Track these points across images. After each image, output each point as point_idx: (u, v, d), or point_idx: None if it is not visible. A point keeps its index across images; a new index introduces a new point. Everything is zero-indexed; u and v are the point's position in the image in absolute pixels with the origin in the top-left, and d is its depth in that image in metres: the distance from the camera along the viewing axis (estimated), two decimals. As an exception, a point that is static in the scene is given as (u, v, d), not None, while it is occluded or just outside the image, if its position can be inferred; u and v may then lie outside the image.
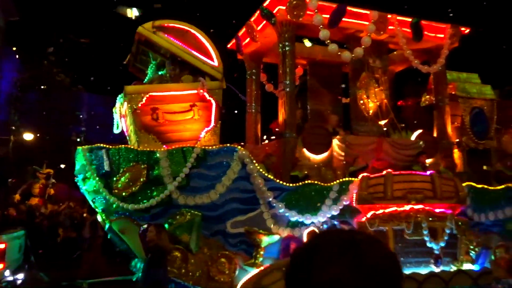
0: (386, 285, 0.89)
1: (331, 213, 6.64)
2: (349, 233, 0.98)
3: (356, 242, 0.92)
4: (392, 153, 8.08)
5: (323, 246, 0.93)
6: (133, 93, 6.74)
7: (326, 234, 1.01)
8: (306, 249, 0.95)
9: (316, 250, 0.92)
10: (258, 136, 9.46)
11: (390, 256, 0.94)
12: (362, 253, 0.90)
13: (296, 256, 0.96)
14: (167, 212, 6.24)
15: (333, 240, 0.94)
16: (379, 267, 0.89)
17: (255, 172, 6.34)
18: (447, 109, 9.10)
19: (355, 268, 0.88)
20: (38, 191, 15.35)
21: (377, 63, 8.69)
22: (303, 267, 0.91)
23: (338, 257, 0.89)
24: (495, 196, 7.96)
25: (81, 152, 6.56)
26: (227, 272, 6.12)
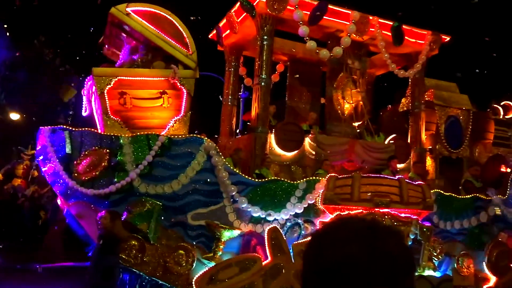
0: (399, 271, 0.91)
1: (294, 211, 6.57)
2: (370, 220, 1.01)
3: (375, 227, 0.95)
4: (363, 155, 8.05)
5: (343, 226, 0.96)
6: (101, 75, 6.55)
7: (348, 217, 1.01)
8: (326, 229, 0.99)
9: (335, 230, 0.96)
10: (232, 129, 9.34)
11: (405, 247, 0.96)
12: (379, 238, 0.92)
13: (316, 234, 1.00)
14: (127, 199, 6.07)
15: (354, 223, 0.97)
16: (394, 254, 0.92)
17: (220, 165, 6.22)
18: (422, 115, 9.10)
19: (371, 250, 0.90)
20: (22, 172, 15.02)
21: (356, 64, 8.64)
22: (320, 244, 0.95)
23: (355, 238, 0.91)
24: (462, 205, 8.00)
25: (42, 132, 6.36)
26: (184, 264, 6.00)
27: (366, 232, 0.93)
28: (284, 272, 6.19)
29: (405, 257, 0.94)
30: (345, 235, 0.93)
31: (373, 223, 0.98)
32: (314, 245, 0.96)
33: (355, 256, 0.89)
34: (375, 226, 0.96)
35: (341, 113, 8.30)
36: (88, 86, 7.11)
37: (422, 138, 9.04)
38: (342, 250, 0.90)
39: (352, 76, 8.53)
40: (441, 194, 7.91)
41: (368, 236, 0.92)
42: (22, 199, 12.33)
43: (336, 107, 8.30)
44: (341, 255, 0.90)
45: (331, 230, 0.97)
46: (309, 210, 6.75)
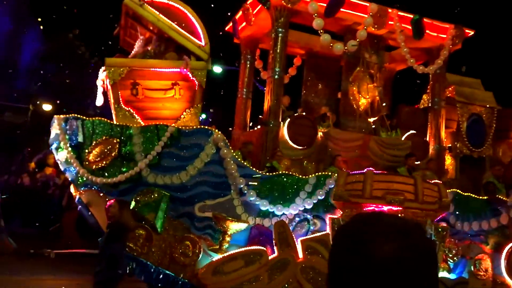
0: (433, 265, 0.93)
1: (303, 206, 6.47)
2: (399, 217, 1.00)
3: (408, 223, 0.96)
4: (377, 151, 7.85)
5: (376, 222, 0.95)
6: (113, 66, 6.61)
7: (374, 213, 1.01)
8: (358, 225, 0.96)
9: (370, 227, 0.94)
10: (246, 123, 9.29)
11: (431, 240, 1.04)
12: (415, 234, 0.93)
13: (347, 231, 0.97)
14: (135, 189, 6.12)
15: (387, 219, 0.96)
16: (428, 248, 0.94)
17: (228, 157, 6.18)
18: (442, 112, 8.81)
19: (412, 246, 0.90)
20: (53, 162, 15.49)
21: (373, 58, 8.42)
22: (357, 240, 0.92)
23: (396, 235, 0.91)
24: (481, 205, 7.70)
25: (56, 121, 6.47)
26: (190, 255, 5.99)
27: (402, 228, 0.93)
28: (291, 267, 6.12)
29: (434, 250, 0.98)
30: (383, 230, 0.92)
31: (403, 220, 0.97)
32: (348, 241, 0.94)
33: (401, 253, 0.88)
34: (407, 222, 0.96)
35: (357, 108, 8.12)
36: (101, 76, 7.19)
37: (442, 136, 8.75)
38: (385, 246, 0.89)
39: (369, 71, 8.32)
40: (458, 193, 7.63)
41: (406, 232, 0.92)
42: (53, 187, 12.69)
43: (351, 102, 8.12)
44: (386, 251, 0.88)
45: (365, 227, 0.94)
46: (318, 206, 6.63)
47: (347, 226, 0.98)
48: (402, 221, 0.96)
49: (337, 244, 0.97)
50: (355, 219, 0.99)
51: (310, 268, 6.20)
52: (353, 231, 0.95)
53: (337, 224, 6.54)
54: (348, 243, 0.93)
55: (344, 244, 0.94)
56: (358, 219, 0.99)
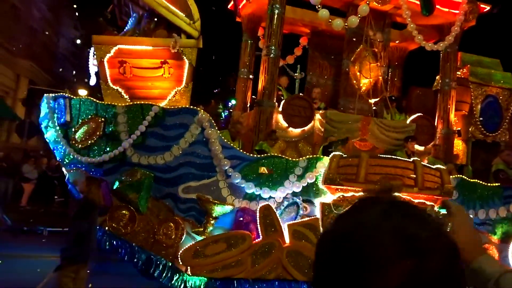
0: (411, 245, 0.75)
1: (292, 190, 6.23)
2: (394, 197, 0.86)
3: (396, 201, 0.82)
4: (378, 134, 7.48)
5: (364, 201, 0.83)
6: (101, 43, 6.49)
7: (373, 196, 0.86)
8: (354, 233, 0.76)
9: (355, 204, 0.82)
10: (246, 103, 9.07)
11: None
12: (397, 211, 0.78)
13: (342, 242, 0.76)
14: (120, 169, 6.04)
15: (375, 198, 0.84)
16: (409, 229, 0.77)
17: (213, 138, 6.00)
18: (452, 93, 8.28)
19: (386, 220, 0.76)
20: None
21: (378, 36, 7.97)
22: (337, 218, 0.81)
23: (371, 208, 0.79)
24: (488, 193, 7.23)
25: (45, 99, 6.46)
26: (173, 237, 5.91)
27: (385, 205, 0.79)
28: (276, 252, 5.94)
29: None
30: (362, 205, 0.81)
31: (396, 199, 0.84)
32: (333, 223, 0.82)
33: (368, 224, 0.75)
34: (396, 201, 0.82)
35: (358, 88, 7.73)
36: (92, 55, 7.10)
37: (450, 119, 8.25)
38: (355, 218, 0.78)
39: (373, 49, 7.88)
40: (463, 180, 7.20)
41: (387, 209, 0.78)
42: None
43: (352, 82, 7.73)
44: (354, 222, 0.77)
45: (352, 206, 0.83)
46: (309, 190, 6.38)
47: (339, 235, 0.77)
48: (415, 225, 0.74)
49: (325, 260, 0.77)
50: (347, 221, 0.79)
51: (297, 253, 6.02)
52: (347, 245, 0.74)
53: (328, 209, 6.30)
54: (342, 261, 0.73)
55: (336, 262, 0.74)
56: (352, 221, 0.78)
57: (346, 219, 0.81)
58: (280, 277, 5.95)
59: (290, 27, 9.65)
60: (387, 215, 0.76)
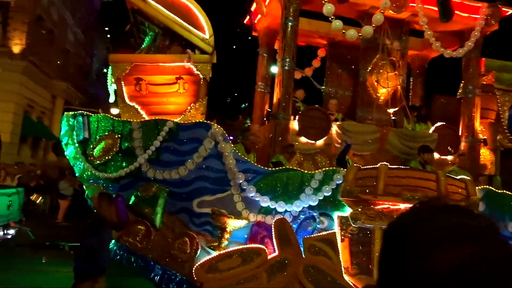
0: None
1: (308, 203, 6.11)
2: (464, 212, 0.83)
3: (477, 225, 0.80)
4: (398, 145, 7.27)
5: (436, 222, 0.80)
6: (117, 61, 6.66)
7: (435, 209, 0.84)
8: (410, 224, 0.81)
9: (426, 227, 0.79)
10: (263, 117, 9.03)
11: None
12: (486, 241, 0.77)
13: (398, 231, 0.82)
14: (135, 184, 6.12)
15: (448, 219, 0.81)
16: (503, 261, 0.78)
17: (226, 151, 5.98)
18: (476, 101, 7.98)
19: (480, 256, 0.75)
20: None
21: (396, 45, 7.80)
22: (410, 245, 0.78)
23: (459, 241, 0.76)
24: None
25: (65, 117, 6.65)
26: (188, 252, 5.88)
27: (469, 229, 0.77)
28: (292, 267, 5.80)
29: None
30: (444, 232, 0.77)
31: (469, 214, 0.82)
32: (398, 246, 0.79)
33: (467, 263, 0.73)
34: (477, 219, 0.80)
35: (376, 98, 7.57)
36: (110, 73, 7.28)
37: (476, 127, 7.93)
38: (446, 254, 0.75)
39: (390, 58, 7.72)
40: (490, 191, 6.87)
41: (474, 235, 0.76)
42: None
43: (370, 92, 7.58)
44: (447, 261, 0.74)
45: (419, 227, 0.78)
46: (326, 203, 6.24)
47: (396, 225, 0.83)
48: (468, 218, 0.78)
49: (385, 248, 0.82)
50: (406, 215, 0.84)
51: (314, 268, 5.85)
52: (403, 233, 0.79)
53: (346, 223, 6.13)
54: (398, 248, 0.78)
55: (394, 249, 0.80)
56: (410, 215, 0.83)
57: (406, 215, 0.84)
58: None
59: (307, 39, 9.62)
60: (445, 211, 0.80)
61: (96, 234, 4.79)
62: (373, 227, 6.17)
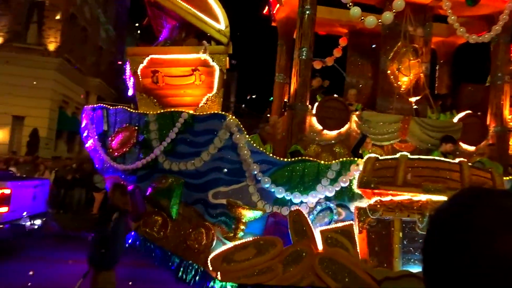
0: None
1: (324, 194, 6.01)
2: None
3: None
4: (420, 135, 7.02)
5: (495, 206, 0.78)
6: (134, 55, 6.73)
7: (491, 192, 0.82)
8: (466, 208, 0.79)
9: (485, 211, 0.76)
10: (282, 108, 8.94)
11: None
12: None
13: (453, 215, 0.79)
14: (152, 175, 6.20)
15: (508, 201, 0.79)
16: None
17: (241, 143, 5.95)
18: (505, 88, 7.59)
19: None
20: None
21: (419, 31, 7.52)
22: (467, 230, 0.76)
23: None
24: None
25: (85, 111, 6.81)
26: (204, 243, 5.92)
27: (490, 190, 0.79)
28: (307, 259, 5.73)
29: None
30: (505, 216, 0.74)
31: None
32: (452, 231, 0.77)
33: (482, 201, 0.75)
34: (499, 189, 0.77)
35: (397, 87, 7.33)
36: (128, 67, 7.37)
37: (505, 115, 7.55)
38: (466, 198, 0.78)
39: (413, 45, 7.45)
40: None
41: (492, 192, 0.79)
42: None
43: (391, 81, 7.35)
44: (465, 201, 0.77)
45: (477, 212, 0.76)
46: (343, 194, 6.12)
47: (452, 212, 0.79)
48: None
49: (436, 234, 0.80)
50: (459, 199, 0.81)
51: (330, 260, 5.76)
52: (465, 219, 0.76)
53: (364, 214, 5.98)
54: (453, 233, 0.76)
55: (447, 235, 0.77)
56: (464, 199, 0.79)
57: (458, 201, 0.81)
58: (314, 285, 5.72)
59: (328, 28, 9.45)
60: (501, 195, 0.77)
61: (109, 223, 4.87)
62: (392, 219, 6.01)
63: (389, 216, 6.02)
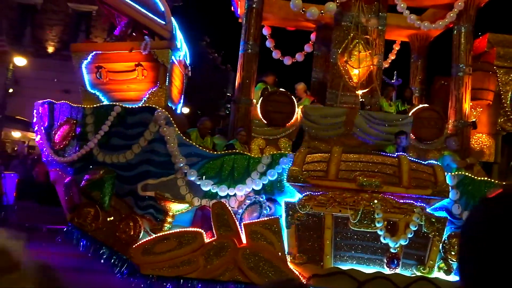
0: None
1: (251, 187, 5.92)
2: None
3: None
4: (367, 128, 6.78)
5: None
6: (78, 51, 6.91)
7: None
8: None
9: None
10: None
11: None
12: None
13: None
14: (88, 167, 6.32)
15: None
16: None
17: (168, 135, 5.97)
18: (466, 80, 7.20)
19: None
20: None
21: (373, 22, 7.27)
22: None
23: None
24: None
25: (35, 106, 7.05)
26: (132, 234, 5.97)
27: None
28: (231, 252, 5.66)
29: None
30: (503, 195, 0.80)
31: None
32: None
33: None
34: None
35: (347, 80, 7.12)
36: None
37: (464, 109, 7.16)
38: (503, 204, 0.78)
39: (365, 37, 7.21)
40: (467, 178, 6.19)
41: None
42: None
43: (340, 74, 7.15)
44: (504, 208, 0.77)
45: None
46: (273, 188, 6.01)
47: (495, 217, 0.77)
48: None
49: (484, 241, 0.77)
50: (500, 205, 0.80)
51: (254, 254, 5.67)
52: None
53: (293, 209, 5.84)
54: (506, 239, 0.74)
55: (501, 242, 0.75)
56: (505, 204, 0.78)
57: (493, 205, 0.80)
58: (237, 279, 5.65)
59: (295, 23, 9.31)
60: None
61: None
62: (323, 214, 5.84)
63: (319, 211, 5.85)
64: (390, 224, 5.90)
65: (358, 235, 5.92)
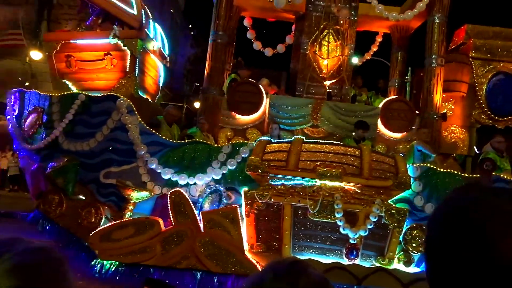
0: None
1: (211, 177, 5.94)
2: None
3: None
4: (334, 120, 6.74)
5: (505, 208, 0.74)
6: (49, 40, 6.98)
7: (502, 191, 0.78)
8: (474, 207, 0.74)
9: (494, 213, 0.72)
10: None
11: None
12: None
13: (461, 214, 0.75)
14: (54, 155, 6.40)
15: None
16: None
17: (130, 124, 6.02)
18: (437, 71, 7.10)
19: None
20: None
21: (344, 12, 7.20)
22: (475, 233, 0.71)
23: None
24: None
25: (8, 95, 7.15)
26: (93, 221, 6.05)
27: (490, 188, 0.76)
28: (188, 240, 5.70)
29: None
30: (467, 187, 0.77)
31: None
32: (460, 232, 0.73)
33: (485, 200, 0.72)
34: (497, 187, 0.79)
35: (315, 70, 7.07)
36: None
37: (435, 101, 7.07)
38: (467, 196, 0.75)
39: (336, 27, 7.15)
40: (430, 169, 6.12)
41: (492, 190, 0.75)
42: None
43: (309, 64, 7.10)
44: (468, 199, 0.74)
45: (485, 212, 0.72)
46: (233, 177, 6.02)
47: (456, 211, 0.74)
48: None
49: (444, 236, 0.75)
50: (460, 199, 0.76)
51: (211, 243, 5.70)
52: (471, 218, 0.72)
53: (252, 198, 5.85)
54: (463, 235, 0.72)
55: (457, 237, 0.72)
56: (473, 197, 0.74)
57: (457, 198, 0.77)
58: (194, 266, 5.69)
59: (275, 14, 9.25)
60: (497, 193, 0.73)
61: None
62: (282, 204, 5.84)
63: (278, 201, 5.85)
64: (350, 215, 5.88)
65: (317, 225, 5.91)
